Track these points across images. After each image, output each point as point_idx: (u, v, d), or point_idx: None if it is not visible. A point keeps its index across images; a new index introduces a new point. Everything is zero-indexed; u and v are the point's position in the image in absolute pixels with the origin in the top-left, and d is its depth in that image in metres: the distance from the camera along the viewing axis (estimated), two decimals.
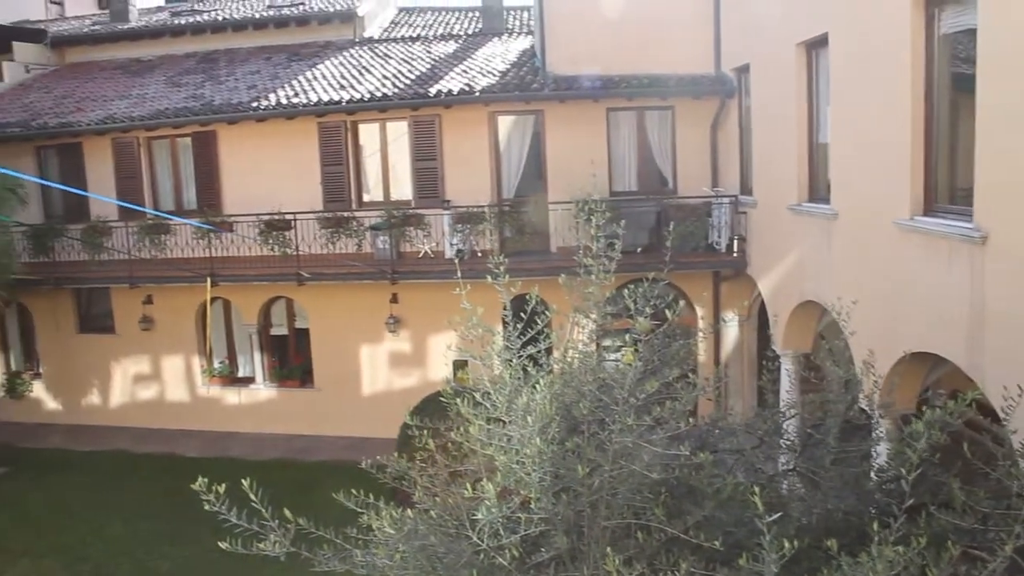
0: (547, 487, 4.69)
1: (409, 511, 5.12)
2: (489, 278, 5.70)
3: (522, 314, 5.63)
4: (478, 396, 5.20)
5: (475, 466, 5.33)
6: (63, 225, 18.90)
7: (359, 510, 5.25)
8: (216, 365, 18.92)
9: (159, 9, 27.06)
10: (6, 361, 20.71)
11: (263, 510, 4.84)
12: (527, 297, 5.73)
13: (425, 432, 5.53)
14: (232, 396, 18.81)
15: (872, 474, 5.66)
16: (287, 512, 4.95)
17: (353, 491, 5.27)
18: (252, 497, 4.83)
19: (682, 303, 5.77)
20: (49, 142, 19.46)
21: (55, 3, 29.17)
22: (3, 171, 15.00)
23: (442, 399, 5.77)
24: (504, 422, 5.02)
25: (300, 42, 22.05)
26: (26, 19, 26.72)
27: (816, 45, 11.17)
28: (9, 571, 13.23)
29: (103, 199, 17.85)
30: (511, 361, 5.33)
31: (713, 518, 4.95)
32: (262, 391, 18.63)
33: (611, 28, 16.08)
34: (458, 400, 5.22)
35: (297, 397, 18.29)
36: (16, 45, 23.45)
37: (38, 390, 20.27)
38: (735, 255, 15.23)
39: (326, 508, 5.17)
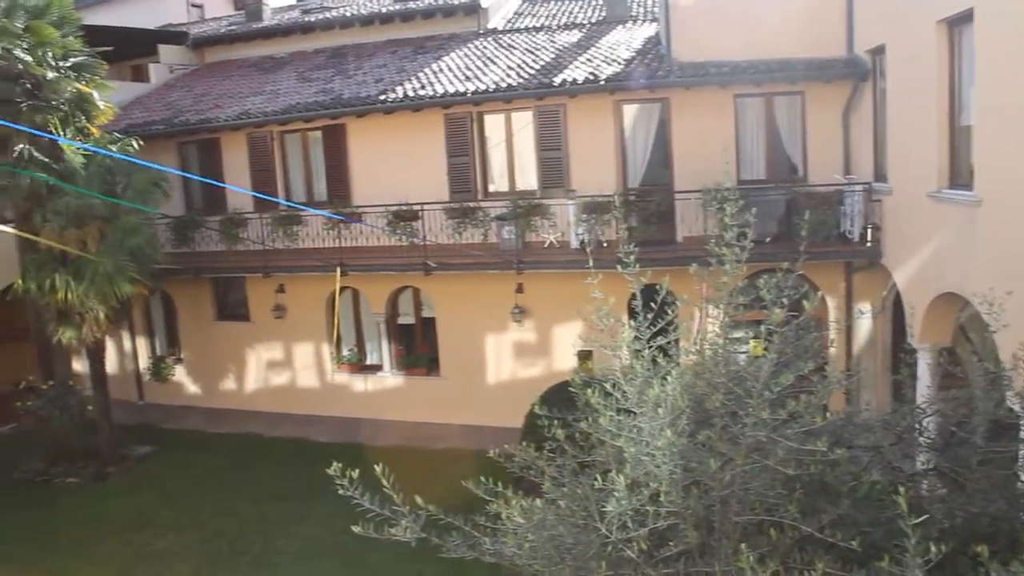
0: (677, 480, 4.62)
1: (538, 501, 5.13)
2: (619, 267, 5.65)
3: (652, 304, 5.57)
4: (608, 386, 5.16)
5: (603, 457, 5.30)
6: (202, 217, 19.76)
7: (488, 498, 5.29)
8: (345, 353, 19.38)
9: (290, 8, 27.89)
10: (151, 346, 21.78)
11: (394, 496, 4.92)
12: (656, 287, 5.66)
13: (555, 422, 5.53)
14: (360, 383, 19.24)
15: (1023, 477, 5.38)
16: (417, 498, 5.04)
17: (482, 479, 5.31)
18: (384, 483, 4.93)
19: (820, 294, 5.59)
20: (190, 138, 20.33)
21: (195, 6, 30.41)
22: (149, 166, 15.69)
23: (570, 389, 5.76)
24: (634, 413, 4.97)
25: (425, 35, 22.35)
26: (169, 23, 28.00)
27: (959, 22, 10.60)
28: (155, 543, 13.93)
29: (239, 191, 18.51)
30: (642, 352, 5.27)
31: (848, 517, 4.80)
32: (389, 379, 18.99)
33: (738, 12, 15.66)
34: (588, 390, 5.19)
35: (423, 385, 18.57)
36: (161, 48, 24.63)
37: (180, 374, 21.25)
38: (869, 244, 14.66)
39: (451, 495, 5.23)
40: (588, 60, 17.61)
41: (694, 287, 5.86)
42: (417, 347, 18.89)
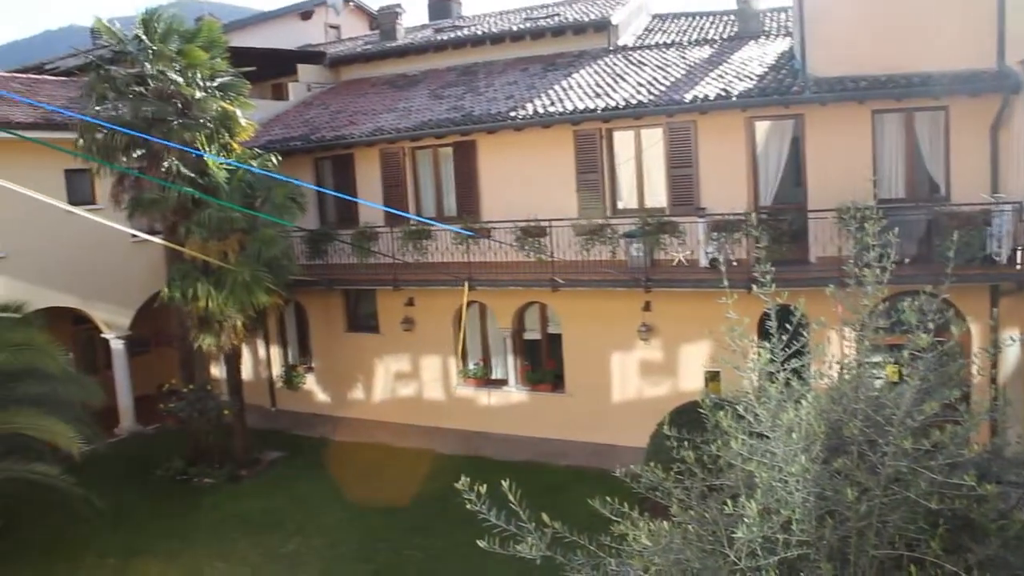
0: (811, 509, 4.46)
1: (665, 523, 5.03)
2: (754, 287, 5.52)
3: (785, 325, 5.42)
4: (740, 409, 5.04)
5: (732, 481, 5.17)
6: (336, 230, 20.32)
7: (614, 518, 5.21)
8: (471, 366, 19.54)
9: (423, 27, 28.49)
10: (284, 355, 22.48)
11: (520, 512, 4.91)
12: (791, 308, 5.50)
13: (685, 444, 5.42)
14: (485, 397, 19.37)
15: None
16: (543, 516, 5.00)
17: (608, 499, 5.25)
18: (511, 498, 4.92)
19: (967, 320, 5.33)
20: (325, 154, 20.99)
21: (333, 27, 31.42)
22: (287, 180, 16.25)
23: (700, 411, 5.64)
24: (766, 437, 4.83)
25: (555, 52, 22.49)
26: (308, 44, 29.09)
27: None
28: (285, 545, 14.37)
29: (371, 205, 18.96)
30: (775, 374, 5.13)
31: (999, 558, 4.53)
32: (514, 394, 19.05)
33: (876, 24, 15.13)
34: (720, 412, 5.08)
35: (548, 401, 18.55)
36: (300, 67, 25.60)
37: (311, 383, 21.85)
38: (1018, 267, 13.92)
39: (573, 513, 5.16)
40: (720, 76, 17.35)
41: (829, 308, 5.67)
42: (543, 363, 18.87)
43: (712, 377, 16.08)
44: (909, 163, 15.61)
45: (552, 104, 17.96)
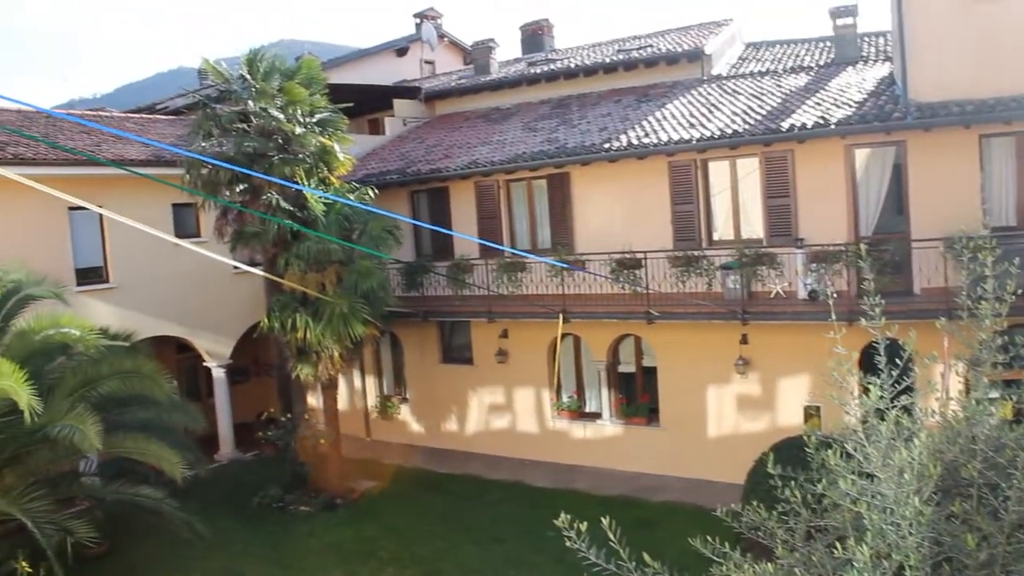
0: (925, 555, 4.25)
1: (769, 565, 4.87)
2: (862, 320, 5.34)
3: (892, 359, 5.22)
4: (849, 447, 4.86)
5: (839, 522, 4.98)
6: (431, 262, 20.54)
7: (715, 559, 5.07)
8: (565, 399, 19.44)
9: (516, 60, 28.76)
10: (379, 385, 22.73)
11: (621, 550, 4.80)
12: (900, 342, 5.30)
13: (792, 482, 5.25)
14: (579, 430, 19.22)
15: None
16: (644, 555, 4.89)
17: (708, 538, 5.10)
18: (610, 536, 4.81)
19: None
20: (421, 187, 21.28)
21: (428, 63, 32.00)
22: (383, 213, 16.50)
23: (803, 447, 5.47)
24: (875, 477, 4.64)
25: (648, 83, 22.43)
26: (404, 79, 29.64)
27: None
28: (378, 575, 14.38)
29: (466, 238, 19.10)
30: (885, 411, 4.93)
31: None
32: (608, 427, 18.85)
33: (981, 47, 14.59)
34: (826, 450, 4.90)
35: (642, 435, 18.30)
36: (396, 102, 26.08)
37: (404, 413, 22.05)
38: None
39: (668, 550, 5.04)
40: (817, 104, 17.02)
41: (936, 342, 5.45)
42: (637, 396, 18.66)
43: (812, 412, 15.66)
44: (1021, 189, 14.99)
45: (646, 135, 17.88)
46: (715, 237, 17.61)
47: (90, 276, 18.84)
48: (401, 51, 31.21)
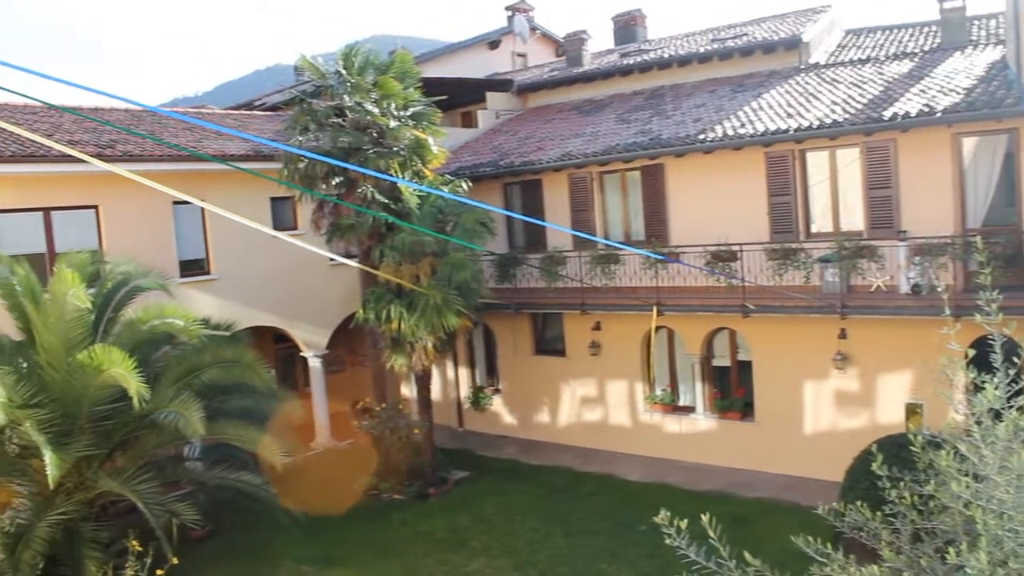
0: None
1: (875, 568, 4.73)
2: (977, 316, 5.14)
3: (1014, 359, 5.02)
4: (963, 448, 4.69)
5: (948, 526, 4.82)
6: (524, 254, 20.58)
7: (817, 558, 4.95)
8: (658, 392, 19.29)
9: (609, 52, 28.55)
10: (472, 376, 22.91)
11: (721, 548, 4.72)
12: (1015, 339, 5.09)
13: (897, 482, 5.10)
14: (672, 424, 19.05)
15: None
16: (745, 554, 4.80)
17: (807, 537, 4.99)
18: (709, 533, 4.74)
19: None
20: (513, 179, 21.33)
21: (520, 55, 32.00)
22: (477, 205, 16.58)
23: (910, 446, 5.31)
24: (989, 480, 4.47)
25: (744, 73, 22.02)
26: (496, 72, 29.73)
27: None
28: (469, 565, 14.50)
29: (559, 229, 19.08)
30: (1003, 412, 4.74)
31: None
32: (702, 421, 18.64)
33: None
34: (936, 450, 4.75)
35: (737, 430, 18.03)
36: (489, 95, 26.19)
37: (497, 404, 22.18)
38: None
39: (763, 548, 4.94)
40: (922, 91, 16.43)
41: None
42: (732, 390, 18.38)
43: (914, 410, 15.20)
44: None
45: (742, 126, 17.57)
46: (813, 229, 17.18)
47: (193, 268, 19.40)
48: (493, 44, 31.29)
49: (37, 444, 11.44)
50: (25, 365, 13.24)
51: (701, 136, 17.79)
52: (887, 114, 15.56)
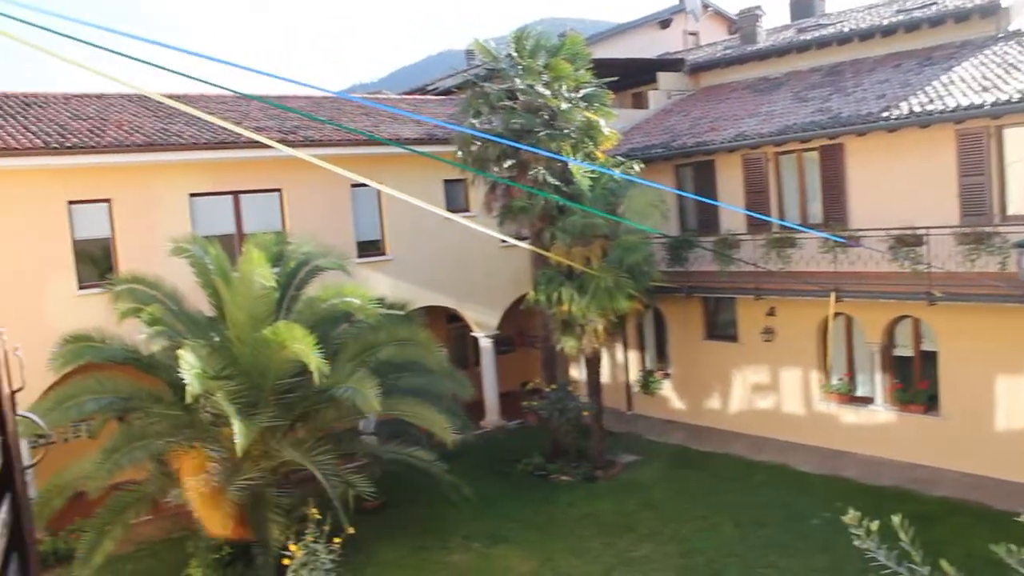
0: None
1: None
2: None
3: None
4: None
5: None
6: (696, 237, 20.24)
7: (1021, 569, 4.62)
8: (834, 381, 18.57)
9: (784, 28, 27.60)
10: (642, 360, 22.76)
11: (914, 553, 4.45)
12: None
13: None
14: (848, 415, 18.31)
15: None
16: (943, 564, 4.54)
17: (1011, 546, 4.67)
18: (901, 535, 4.48)
19: None
20: (685, 160, 21.00)
21: (691, 34, 31.41)
22: (651, 185, 16.41)
23: None
24: None
25: (932, 44, 20.69)
26: (667, 52, 29.27)
27: None
28: (635, 550, 14.43)
29: (735, 210, 18.67)
30: None
31: None
32: (880, 413, 17.82)
33: None
34: None
35: (919, 424, 17.13)
36: (660, 75, 25.86)
37: (667, 389, 21.97)
38: None
39: (947, 551, 4.65)
40: None
41: None
42: (914, 382, 17.48)
43: None
44: None
45: (930, 102, 16.59)
46: (1009, 212, 16.06)
47: (369, 249, 20.11)
48: (664, 23, 30.82)
49: (227, 414, 12.17)
50: (217, 339, 14.11)
51: (885, 114, 16.95)
52: None
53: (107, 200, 16.85)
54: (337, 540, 11.36)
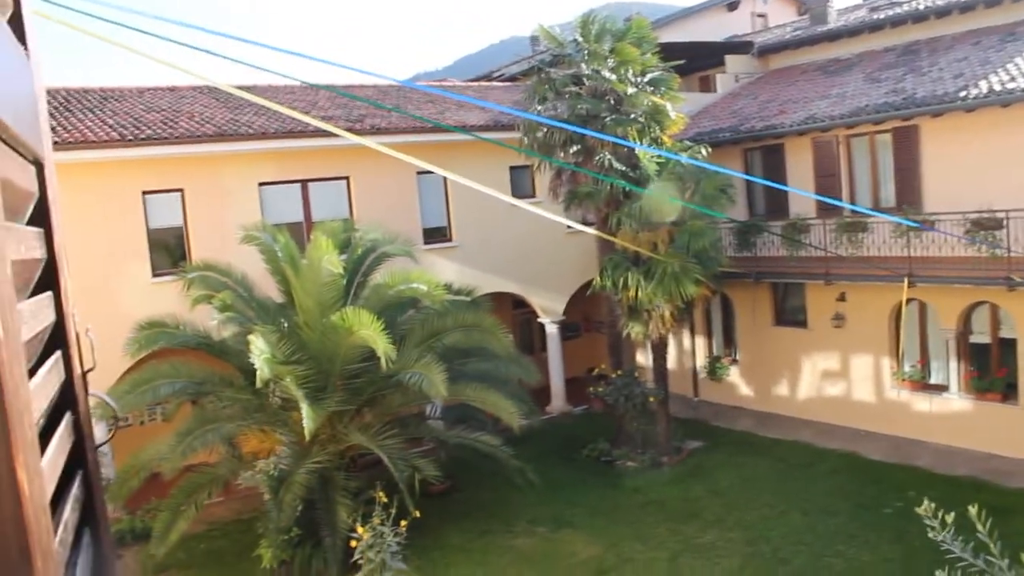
0: None
1: None
2: None
3: None
4: None
5: None
6: (765, 222, 19.95)
7: None
8: (907, 368, 18.17)
9: (856, 7, 26.97)
10: (709, 346, 22.57)
11: (992, 546, 4.34)
12: None
13: None
14: (921, 402, 17.92)
15: None
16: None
17: None
18: (978, 527, 4.36)
19: None
20: (753, 144, 20.71)
21: (760, 16, 30.88)
22: (719, 170, 16.21)
23: None
24: None
25: (1015, 20, 19.97)
26: (734, 34, 28.83)
27: None
28: (702, 536, 14.37)
29: (804, 194, 18.36)
30: None
31: None
32: (955, 401, 17.40)
33: None
34: None
35: (997, 413, 16.68)
36: (727, 58, 25.53)
37: (734, 375, 21.75)
38: None
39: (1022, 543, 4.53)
40: None
41: None
42: (992, 370, 17.02)
43: None
44: None
45: (1012, 80, 16.08)
46: None
47: (435, 235, 20.24)
48: (732, 5, 30.31)
49: (296, 398, 12.40)
50: (286, 325, 14.35)
51: (962, 93, 16.48)
52: None
53: (180, 190, 17.23)
54: (403, 523, 11.51)
